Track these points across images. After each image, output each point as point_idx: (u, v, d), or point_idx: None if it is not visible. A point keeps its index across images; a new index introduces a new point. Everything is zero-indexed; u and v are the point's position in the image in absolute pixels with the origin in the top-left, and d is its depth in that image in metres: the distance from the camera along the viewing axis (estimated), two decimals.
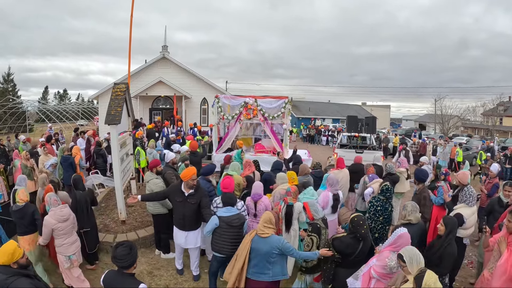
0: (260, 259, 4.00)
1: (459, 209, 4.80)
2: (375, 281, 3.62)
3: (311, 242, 4.36)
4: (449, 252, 3.36)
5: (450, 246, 3.38)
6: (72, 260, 4.77)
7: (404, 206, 4.36)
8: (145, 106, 20.90)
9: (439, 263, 3.57)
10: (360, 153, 11.74)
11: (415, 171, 5.95)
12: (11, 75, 41.00)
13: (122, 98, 7.49)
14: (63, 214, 4.73)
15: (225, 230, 4.57)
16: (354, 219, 3.95)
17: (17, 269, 3.18)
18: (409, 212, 4.21)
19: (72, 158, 8.97)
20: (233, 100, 10.19)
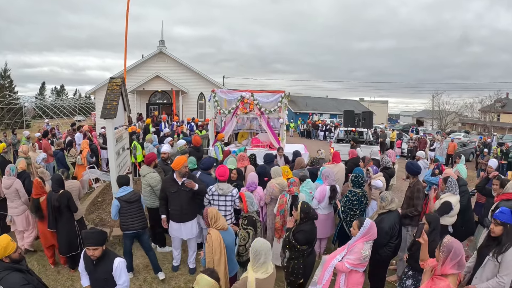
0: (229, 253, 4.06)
1: (446, 197, 4.90)
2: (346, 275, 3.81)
3: (247, 236, 4.18)
4: (433, 248, 3.36)
5: (434, 242, 3.33)
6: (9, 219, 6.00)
7: (383, 198, 4.40)
8: (142, 101, 20.87)
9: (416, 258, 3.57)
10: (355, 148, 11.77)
11: (407, 164, 5.68)
12: (8, 71, 40.86)
13: (118, 92, 7.46)
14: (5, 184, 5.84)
15: (127, 208, 5.04)
16: (304, 206, 4.15)
17: (9, 263, 3.16)
18: (389, 201, 4.33)
19: (60, 153, 9.02)
20: (229, 94, 10.15)
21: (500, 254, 3.22)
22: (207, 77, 21.04)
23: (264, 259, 3.20)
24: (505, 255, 3.20)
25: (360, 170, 6.00)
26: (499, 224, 3.29)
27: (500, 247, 3.24)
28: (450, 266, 2.83)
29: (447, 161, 15.48)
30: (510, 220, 3.27)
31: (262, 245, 3.21)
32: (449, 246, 2.86)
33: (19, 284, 3.06)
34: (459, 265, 2.84)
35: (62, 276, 5.43)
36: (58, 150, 9.14)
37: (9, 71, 41.11)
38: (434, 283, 2.85)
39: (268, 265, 3.24)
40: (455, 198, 4.92)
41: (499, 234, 3.30)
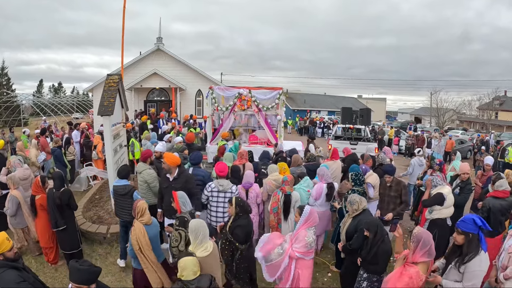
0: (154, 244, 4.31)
1: (438, 189, 4.91)
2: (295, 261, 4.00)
3: (179, 237, 4.03)
4: (383, 249, 3.40)
5: (383, 243, 3.40)
6: None
7: (351, 202, 4.37)
8: (140, 98, 20.82)
9: (375, 262, 3.57)
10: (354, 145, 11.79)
11: (386, 167, 5.90)
12: (5, 69, 40.61)
13: (115, 89, 7.44)
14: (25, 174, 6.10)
15: (117, 198, 5.40)
16: (238, 199, 4.35)
17: (4, 261, 3.15)
18: (359, 202, 4.32)
19: (58, 150, 9.02)
20: (227, 91, 10.12)
21: (462, 264, 3.15)
22: (205, 74, 21.00)
23: (202, 237, 3.45)
24: (468, 266, 3.12)
25: (357, 168, 6.01)
26: (461, 234, 3.21)
27: (462, 257, 3.18)
28: (420, 254, 3.00)
29: (445, 158, 15.53)
30: (471, 229, 3.16)
31: (197, 223, 3.51)
32: (418, 236, 3.05)
33: (15, 282, 3.04)
34: (429, 254, 3.01)
35: (60, 274, 5.44)
36: (56, 148, 9.13)
37: (6, 68, 40.86)
38: (405, 269, 3.01)
39: (207, 244, 3.47)
40: (446, 189, 4.92)
41: (462, 243, 3.22)
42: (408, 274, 2.96)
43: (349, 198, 4.46)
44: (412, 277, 2.92)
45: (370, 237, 3.60)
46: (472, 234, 3.15)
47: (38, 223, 5.52)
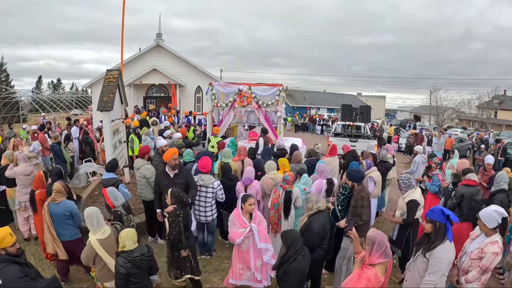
0: (57, 222, 4.67)
1: (409, 195, 4.87)
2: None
3: (115, 231, 4.16)
4: (293, 267, 3.29)
5: (295, 261, 3.30)
6: (21, 205, 6.11)
7: (308, 200, 4.34)
8: (139, 94, 20.78)
9: (285, 279, 3.45)
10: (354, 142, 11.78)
11: (349, 172, 5.10)
12: (4, 65, 40.50)
13: (114, 84, 7.42)
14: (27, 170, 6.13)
15: None
16: (173, 190, 4.48)
17: (6, 256, 3.15)
18: (314, 202, 4.26)
19: (57, 146, 8.99)
20: (227, 88, 10.12)
21: (428, 251, 3.33)
22: (205, 71, 20.96)
23: (97, 222, 3.82)
24: (433, 253, 3.29)
25: (356, 165, 6.00)
26: (429, 222, 3.40)
27: (429, 244, 3.35)
28: (376, 256, 3.01)
29: (444, 156, 15.52)
30: (439, 218, 3.34)
31: (90, 211, 3.85)
32: (372, 238, 3.05)
33: (17, 277, 3.04)
34: (385, 255, 3.02)
35: None
36: (55, 144, 9.10)
37: (5, 65, 40.81)
38: (363, 272, 3.02)
39: (104, 228, 3.88)
40: (417, 192, 4.92)
41: (430, 231, 3.40)
42: (366, 276, 2.97)
43: (306, 196, 4.41)
44: (370, 280, 2.94)
45: (281, 251, 3.48)
46: (439, 223, 3.33)
47: (38, 218, 5.49)
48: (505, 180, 5.37)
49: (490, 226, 3.53)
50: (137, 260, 3.43)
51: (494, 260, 3.42)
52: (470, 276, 3.53)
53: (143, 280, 3.54)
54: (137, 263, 3.43)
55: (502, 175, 5.46)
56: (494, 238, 3.50)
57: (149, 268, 3.69)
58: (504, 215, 3.55)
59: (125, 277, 3.40)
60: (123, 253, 3.43)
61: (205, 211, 5.46)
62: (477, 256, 3.52)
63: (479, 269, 3.47)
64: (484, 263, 3.44)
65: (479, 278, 3.50)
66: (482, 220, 3.58)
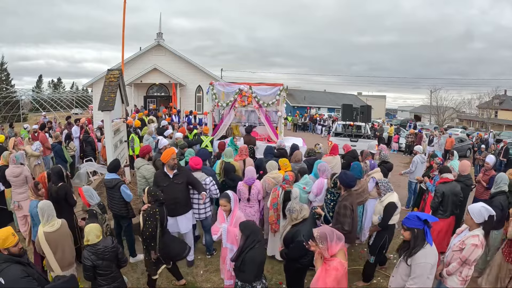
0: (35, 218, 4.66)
1: (387, 198, 4.84)
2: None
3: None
4: (250, 256, 3.32)
5: (252, 250, 3.33)
6: (15, 205, 6.27)
7: (291, 210, 4.20)
8: (140, 93, 20.79)
9: (243, 269, 3.44)
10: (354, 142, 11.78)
11: (340, 175, 4.92)
12: (4, 64, 40.45)
13: (115, 84, 7.42)
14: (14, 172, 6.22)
15: (107, 191, 5.53)
16: (150, 189, 4.51)
17: (8, 256, 3.16)
18: (299, 211, 4.15)
19: (58, 145, 8.99)
20: (227, 87, 10.12)
21: (410, 257, 3.40)
22: (205, 70, 20.96)
23: (47, 215, 4.00)
24: (414, 258, 3.36)
25: (358, 165, 6.00)
26: (407, 230, 3.45)
27: (410, 250, 3.42)
28: (334, 246, 3.11)
29: (445, 156, 15.51)
30: (416, 225, 3.38)
31: (43, 205, 4.04)
32: (322, 235, 3.13)
33: (19, 277, 3.06)
34: (339, 239, 3.14)
35: None
36: (56, 143, 9.10)
37: (5, 64, 40.72)
38: (328, 265, 3.09)
39: (54, 222, 4.06)
40: (395, 196, 4.89)
41: (409, 238, 3.45)
42: (333, 267, 3.06)
43: (288, 206, 4.26)
44: (338, 269, 3.04)
45: (241, 241, 3.49)
46: (417, 229, 3.37)
47: None
48: (505, 181, 5.35)
49: (477, 221, 3.66)
50: (100, 252, 3.65)
51: (473, 252, 3.54)
52: (451, 267, 3.70)
53: (111, 272, 3.76)
54: (101, 255, 3.65)
55: (502, 176, 5.45)
56: (475, 232, 3.65)
57: (117, 260, 3.87)
58: (492, 213, 3.67)
59: (91, 269, 3.63)
60: (88, 246, 3.68)
61: (198, 208, 5.49)
62: (458, 247, 3.69)
63: (459, 260, 3.63)
64: (463, 254, 3.59)
65: (459, 270, 3.65)
66: (471, 214, 3.70)
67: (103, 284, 3.72)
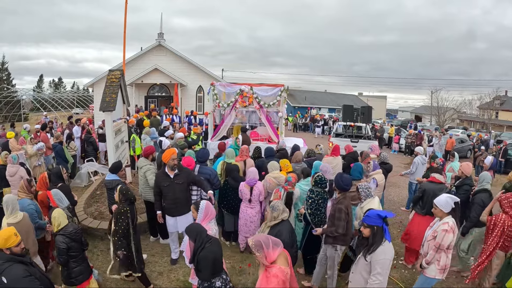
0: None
1: (367, 204, 4.83)
2: None
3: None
4: (202, 255, 3.39)
5: (203, 249, 3.39)
6: None
7: (274, 208, 4.09)
8: (141, 93, 20.80)
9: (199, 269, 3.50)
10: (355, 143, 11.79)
11: (336, 178, 4.74)
12: (5, 64, 40.44)
13: (117, 84, 7.45)
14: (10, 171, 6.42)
15: (107, 192, 5.61)
16: (122, 188, 4.61)
17: (11, 255, 3.18)
18: (281, 211, 4.08)
19: (59, 146, 9.01)
20: (228, 88, 10.14)
21: (369, 254, 3.49)
22: (206, 70, 20.97)
23: (12, 208, 4.19)
24: (374, 255, 3.46)
25: (359, 166, 6.01)
26: (367, 227, 3.52)
27: (368, 247, 3.52)
28: (271, 253, 3.09)
29: (445, 157, 15.53)
30: (375, 222, 3.46)
31: (7, 198, 4.22)
32: (257, 244, 3.09)
33: (21, 276, 3.09)
34: (275, 245, 3.12)
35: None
36: (57, 143, 9.12)
37: (6, 63, 40.70)
38: (268, 272, 3.09)
39: (17, 214, 4.25)
40: (375, 201, 4.89)
41: (368, 235, 3.54)
42: (273, 274, 3.06)
43: (272, 203, 4.15)
44: (277, 275, 3.04)
45: (191, 245, 3.54)
46: (377, 227, 3.47)
47: None
48: (488, 180, 5.45)
49: (446, 211, 3.95)
50: (73, 233, 3.91)
51: (445, 237, 3.84)
52: (428, 256, 3.97)
53: (80, 253, 4.03)
54: (73, 236, 3.90)
55: (485, 175, 5.55)
56: (445, 220, 3.95)
57: (81, 243, 4.08)
58: (456, 199, 3.95)
59: (65, 252, 3.82)
60: (60, 231, 3.88)
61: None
62: (431, 237, 3.99)
63: (433, 247, 3.91)
64: (436, 240, 3.89)
65: (436, 257, 3.93)
66: (439, 206, 3.99)
67: (75, 266, 3.94)
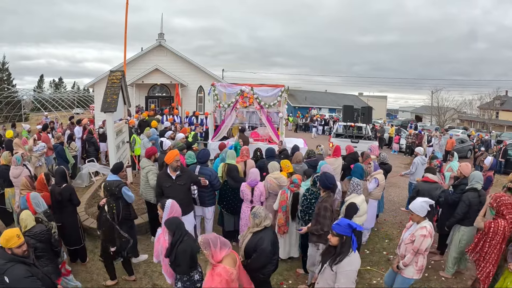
0: None
1: (351, 199, 4.88)
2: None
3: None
4: (181, 249, 3.43)
5: (182, 243, 3.43)
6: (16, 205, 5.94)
7: (256, 214, 3.89)
8: (141, 94, 20.84)
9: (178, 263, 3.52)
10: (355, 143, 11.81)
11: (321, 176, 4.81)
12: (5, 64, 40.46)
13: (118, 85, 7.47)
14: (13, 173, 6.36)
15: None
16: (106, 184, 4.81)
17: (13, 255, 3.22)
18: (264, 218, 3.89)
19: (60, 146, 9.05)
20: (229, 88, 10.16)
21: (335, 264, 3.41)
22: (207, 71, 20.99)
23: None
24: (340, 266, 3.38)
25: (359, 166, 6.03)
26: (336, 236, 3.42)
27: (335, 257, 3.44)
28: (218, 253, 3.18)
29: (445, 157, 15.54)
30: (345, 232, 3.38)
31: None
32: (205, 242, 3.18)
33: (23, 276, 3.12)
34: (223, 246, 3.21)
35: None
36: (58, 144, 9.15)
37: (7, 63, 40.72)
38: (214, 271, 3.17)
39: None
40: (360, 198, 4.94)
41: (336, 244, 3.45)
42: (217, 273, 3.12)
43: (254, 210, 3.99)
44: (221, 274, 3.10)
45: (169, 238, 3.60)
46: (346, 237, 3.40)
47: None
48: (477, 180, 5.34)
49: (422, 215, 4.01)
50: (38, 235, 3.98)
51: (423, 242, 3.91)
52: (406, 259, 4.04)
53: (47, 254, 4.09)
54: (38, 237, 3.97)
55: (476, 174, 5.46)
56: (423, 224, 4.02)
57: (51, 244, 4.16)
58: (431, 202, 4.05)
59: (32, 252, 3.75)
60: (26, 232, 3.93)
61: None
62: (409, 240, 4.06)
63: (412, 251, 3.99)
64: (415, 245, 3.96)
65: (414, 260, 4.02)
66: (414, 212, 4.04)
67: (43, 266, 3.92)
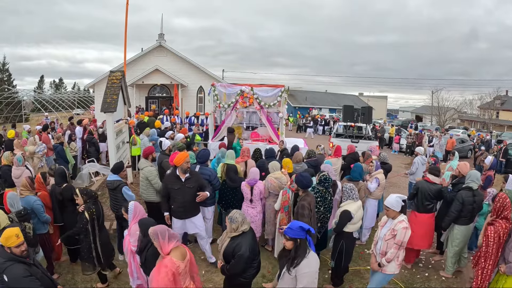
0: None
1: (346, 205, 4.82)
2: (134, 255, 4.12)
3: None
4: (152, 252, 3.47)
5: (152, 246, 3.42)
6: None
7: (232, 219, 3.72)
8: (141, 94, 20.88)
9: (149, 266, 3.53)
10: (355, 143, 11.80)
11: (297, 176, 4.85)
12: (6, 64, 40.48)
13: (118, 86, 7.48)
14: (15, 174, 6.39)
15: (109, 192, 5.62)
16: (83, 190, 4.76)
17: (12, 255, 3.22)
18: (240, 223, 3.73)
19: (60, 146, 9.05)
20: (229, 88, 10.16)
21: (293, 268, 3.37)
22: (207, 71, 21.02)
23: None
24: (298, 269, 3.35)
25: (359, 166, 6.03)
26: (289, 240, 3.39)
27: (291, 261, 3.40)
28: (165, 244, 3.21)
29: (446, 157, 15.54)
30: (298, 235, 3.35)
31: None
32: (154, 233, 3.23)
33: (22, 276, 3.13)
34: (172, 238, 3.25)
35: (63, 269, 5.48)
36: (58, 144, 9.15)
37: (7, 64, 40.74)
38: (161, 262, 3.21)
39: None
40: (355, 205, 4.84)
41: (291, 248, 3.42)
42: (163, 264, 3.17)
43: (230, 214, 3.80)
44: (167, 266, 3.14)
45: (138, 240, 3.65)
46: (300, 239, 3.36)
47: None
48: (473, 179, 5.29)
49: (397, 210, 4.07)
50: None
51: (406, 234, 3.98)
52: (389, 254, 4.06)
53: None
54: None
55: (472, 173, 5.41)
56: (400, 218, 4.09)
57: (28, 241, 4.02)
58: (404, 197, 4.13)
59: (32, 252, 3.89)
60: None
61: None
62: (390, 235, 4.06)
63: (395, 246, 4.02)
64: (398, 238, 3.99)
65: (397, 254, 4.07)
66: (390, 207, 4.09)
67: None
